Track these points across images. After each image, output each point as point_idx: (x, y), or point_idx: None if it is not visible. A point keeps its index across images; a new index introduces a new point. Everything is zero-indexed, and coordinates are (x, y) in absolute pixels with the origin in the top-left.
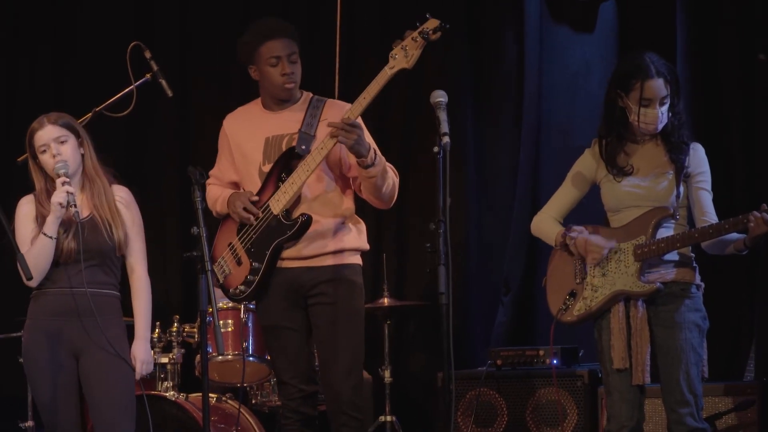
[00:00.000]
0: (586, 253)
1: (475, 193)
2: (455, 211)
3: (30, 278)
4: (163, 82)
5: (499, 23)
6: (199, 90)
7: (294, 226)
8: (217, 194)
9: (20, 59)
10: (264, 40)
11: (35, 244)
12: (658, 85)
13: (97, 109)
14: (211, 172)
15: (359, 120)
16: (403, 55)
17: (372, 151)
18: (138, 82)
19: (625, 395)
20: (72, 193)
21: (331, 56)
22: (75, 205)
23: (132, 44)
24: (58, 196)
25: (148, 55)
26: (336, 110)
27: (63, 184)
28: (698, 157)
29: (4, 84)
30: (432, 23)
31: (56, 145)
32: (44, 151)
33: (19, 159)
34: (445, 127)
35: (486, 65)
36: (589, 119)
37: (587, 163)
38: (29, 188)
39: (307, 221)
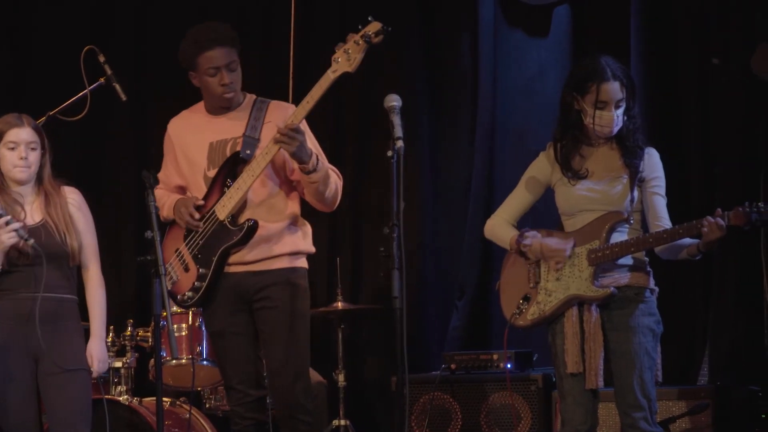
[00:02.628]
0: (548, 259)
1: (430, 197)
2: (409, 215)
3: None
4: (117, 87)
5: (454, 27)
6: (154, 94)
7: (240, 232)
8: (164, 199)
9: None
10: (202, 51)
11: None
12: (614, 88)
13: (51, 112)
14: (158, 176)
15: (303, 124)
16: (346, 59)
17: (314, 157)
18: (92, 86)
19: (578, 399)
20: (20, 228)
21: (286, 58)
22: (28, 239)
23: (86, 48)
24: (9, 239)
25: (102, 59)
26: (280, 111)
27: (6, 223)
28: (653, 162)
29: None
30: (374, 26)
31: (26, 149)
32: (12, 148)
33: None
34: (398, 132)
35: (440, 69)
36: (544, 123)
37: (542, 167)
38: None
39: (254, 226)
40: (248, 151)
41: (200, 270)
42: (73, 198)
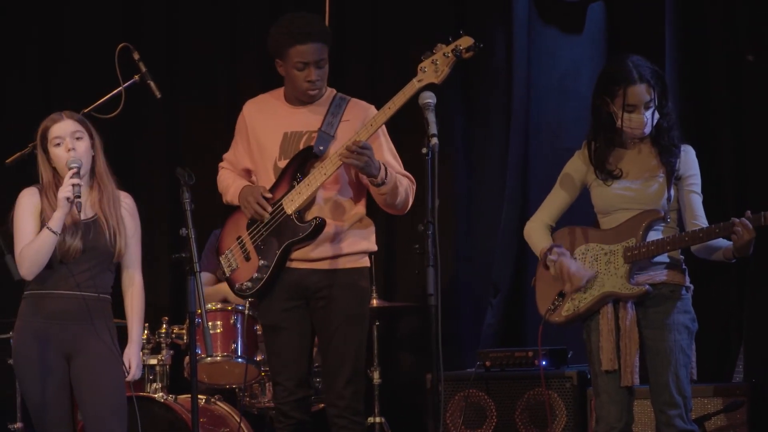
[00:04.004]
0: (564, 282)
1: (464, 194)
2: (444, 213)
3: (18, 278)
4: (152, 84)
5: (488, 24)
6: (187, 91)
7: (308, 229)
8: (229, 181)
9: (7, 60)
10: (295, 43)
11: (37, 238)
12: (641, 91)
13: (86, 110)
14: (225, 156)
15: (382, 128)
16: (433, 70)
17: (382, 171)
18: (126, 84)
19: (613, 397)
20: (78, 185)
21: None
22: (79, 196)
23: (120, 46)
24: (65, 191)
25: (136, 56)
26: (358, 110)
27: (72, 176)
28: (689, 159)
29: None
30: (466, 41)
31: (72, 139)
32: (58, 144)
33: (8, 161)
34: (433, 129)
35: (474, 66)
36: (578, 120)
37: (577, 166)
38: (17, 189)
39: (321, 224)
40: (321, 147)
41: (262, 261)
42: (127, 203)
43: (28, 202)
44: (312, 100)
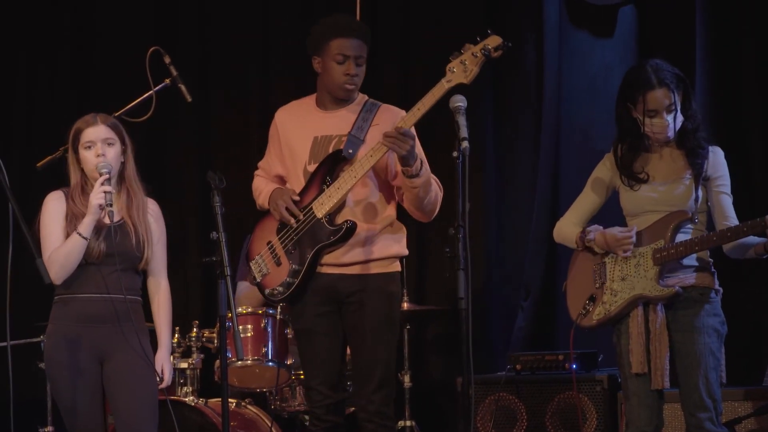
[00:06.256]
0: (614, 248)
1: (495, 197)
2: (475, 216)
3: (48, 282)
4: (183, 88)
5: (519, 27)
6: (218, 95)
7: (339, 232)
8: (261, 187)
9: (39, 64)
10: (337, 36)
11: (67, 243)
12: (660, 96)
13: (117, 113)
14: (259, 163)
15: (411, 130)
16: (462, 70)
17: (419, 162)
18: (157, 87)
19: (643, 400)
20: (110, 192)
21: None
22: (111, 205)
23: (151, 49)
24: (97, 197)
25: (167, 60)
26: (389, 115)
27: (102, 183)
28: (717, 160)
29: (23, 88)
30: (494, 40)
31: (103, 145)
32: (89, 147)
33: (38, 164)
34: (464, 132)
35: (505, 69)
36: (608, 122)
37: (606, 170)
38: (48, 191)
39: (352, 228)
40: (350, 151)
41: (293, 266)
42: (152, 209)
43: (54, 206)
44: (347, 97)
